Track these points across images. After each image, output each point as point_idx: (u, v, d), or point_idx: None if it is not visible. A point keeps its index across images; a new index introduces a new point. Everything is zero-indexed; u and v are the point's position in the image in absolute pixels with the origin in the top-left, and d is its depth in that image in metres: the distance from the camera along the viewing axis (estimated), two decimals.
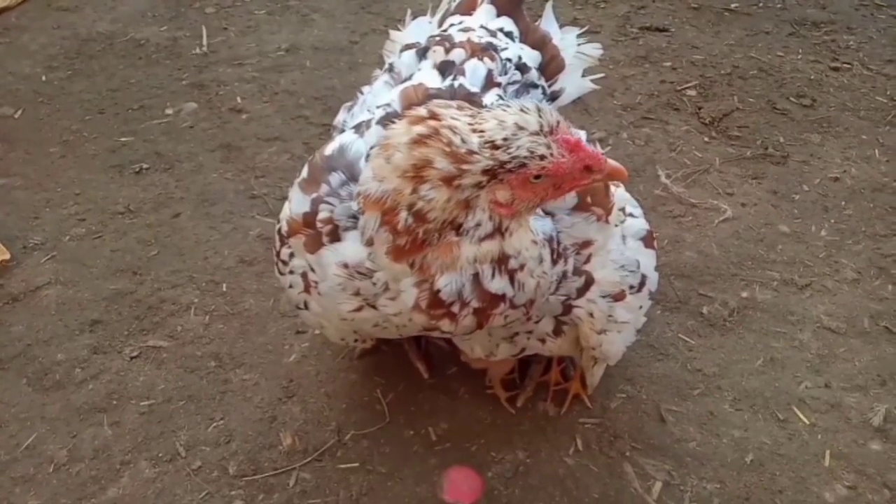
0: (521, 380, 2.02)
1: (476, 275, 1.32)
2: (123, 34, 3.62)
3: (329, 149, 1.57)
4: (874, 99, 3.13)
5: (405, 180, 1.25)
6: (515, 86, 1.76)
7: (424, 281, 1.33)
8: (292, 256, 1.61)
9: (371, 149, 1.46)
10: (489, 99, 1.64)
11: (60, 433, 1.95)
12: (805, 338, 2.18)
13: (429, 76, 1.73)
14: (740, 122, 3.02)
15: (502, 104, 1.29)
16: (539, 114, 1.25)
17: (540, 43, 1.95)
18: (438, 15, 2.08)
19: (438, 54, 1.77)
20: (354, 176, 1.46)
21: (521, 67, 1.81)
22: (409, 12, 2.22)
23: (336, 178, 1.48)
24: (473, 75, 1.70)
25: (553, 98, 1.94)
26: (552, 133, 1.25)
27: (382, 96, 1.75)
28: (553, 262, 1.45)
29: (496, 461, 1.88)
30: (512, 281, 1.36)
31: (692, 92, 3.18)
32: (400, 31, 2.17)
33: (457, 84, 1.66)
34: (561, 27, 2.11)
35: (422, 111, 1.29)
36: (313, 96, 3.18)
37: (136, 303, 2.31)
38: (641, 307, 1.69)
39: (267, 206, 2.64)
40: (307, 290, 1.59)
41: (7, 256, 2.44)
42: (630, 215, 1.72)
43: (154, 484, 1.84)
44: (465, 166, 1.23)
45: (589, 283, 1.54)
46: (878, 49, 3.42)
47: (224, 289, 2.34)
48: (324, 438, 1.93)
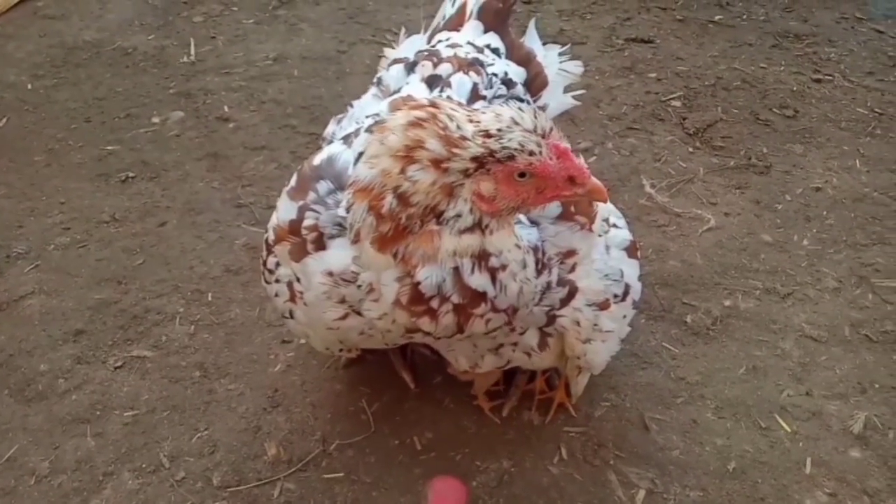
0: (507, 389, 2.03)
1: (456, 269, 1.34)
2: (110, 42, 3.61)
3: (317, 159, 1.59)
4: (855, 110, 3.18)
5: (395, 160, 1.29)
6: (501, 100, 1.79)
7: (406, 275, 1.35)
8: (278, 266, 1.62)
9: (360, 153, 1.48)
10: None
11: (42, 444, 1.94)
12: (787, 346, 2.20)
13: (417, 89, 1.77)
14: (724, 133, 3.05)
15: (501, 102, 1.32)
16: (535, 115, 1.30)
17: (525, 60, 2.00)
18: (429, 32, 2.12)
19: (426, 69, 1.82)
20: (342, 185, 1.48)
21: (508, 83, 1.85)
22: (404, 31, 2.26)
23: (324, 187, 1.50)
24: (460, 88, 1.74)
25: None
26: (544, 136, 1.29)
27: (371, 108, 1.78)
28: (537, 273, 1.47)
29: (481, 470, 1.88)
30: (493, 280, 1.37)
31: (677, 103, 3.22)
32: (394, 49, 2.20)
33: (444, 96, 1.69)
34: (545, 43, 2.15)
35: (423, 100, 1.34)
36: (301, 105, 3.19)
37: (121, 312, 2.29)
38: (625, 316, 1.71)
39: (253, 216, 2.64)
40: (293, 300, 1.60)
41: None
42: (614, 226, 1.75)
43: (137, 495, 1.83)
44: (456, 150, 1.27)
45: (573, 293, 1.56)
46: (859, 61, 3.48)
47: (209, 298, 2.34)
48: (309, 448, 1.93)
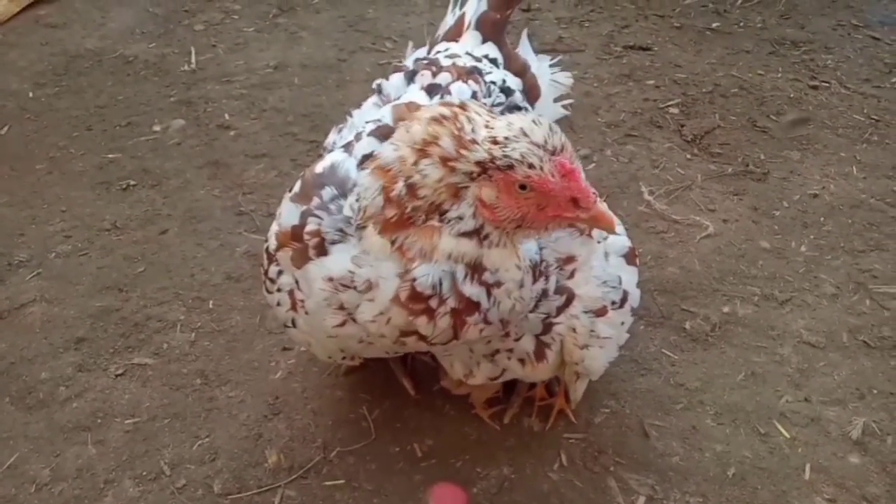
0: (507, 395, 2.03)
1: (452, 273, 1.36)
2: (112, 51, 3.63)
3: (320, 167, 1.61)
4: (852, 117, 3.19)
5: (413, 151, 1.33)
6: (500, 108, 1.80)
7: (405, 271, 1.36)
8: (280, 274, 1.63)
9: (363, 159, 1.53)
10: None
11: (43, 452, 1.94)
12: (785, 352, 2.21)
13: (417, 97, 1.79)
14: (722, 140, 3.07)
15: (523, 113, 1.34)
16: (549, 130, 1.30)
17: (521, 71, 2.03)
18: (429, 43, 2.15)
19: (426, 78, 1.84)
20: (345, 192, 1.51)
21: (506, 91, 1.88)
22: (410, 45, 2.29)
23: (328, 193, 1.52)
24: (459, 97, 1.75)
25: None
26: (554, 153, 1.29)
27: (371, 115, 1.80)
28: (534, 280, 1.48)
29: (481, 477, 1.88)
30: (488, 294, 1.38)
31: (675, 110, 3.24)
32: (402, 63, 2.24)
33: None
34: (543, 51, 2.19)
35: (456, 100, 1.39)
36: (301, 113, 3.21)
37: (122, 320, 2.30)
38: (623, 323, 1.72)
39: (254, 223, 2.65)
40: (294, 308, 1.61)
41: None
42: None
43: (138, 503, 1.83)
44: (464, 152, 1.29)
45: (570, 300, 1.57)
46: (856, 68, 3.50)
47: (210, 306, 2.35)
48: (309, 455, 1.93)
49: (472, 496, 1.83)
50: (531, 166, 1.28)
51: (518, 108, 1.86)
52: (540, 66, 2.12)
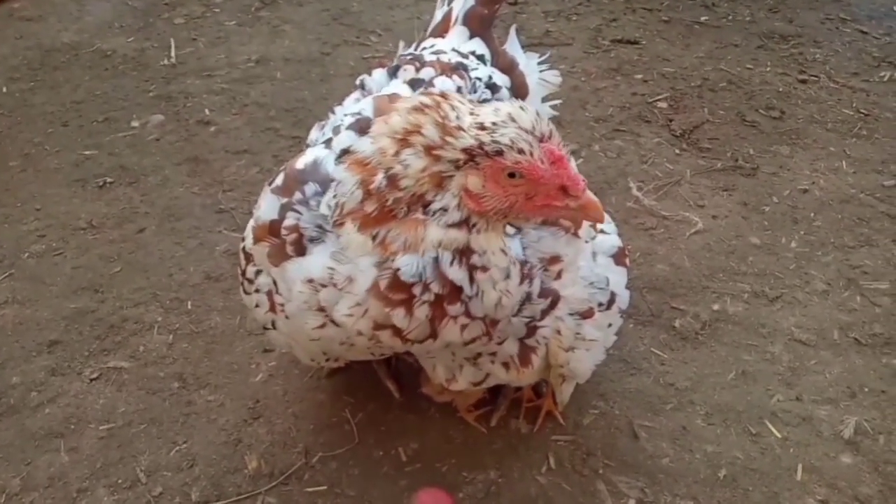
0: (493, 397, 1.99)
1: (436, 259, 1.31)
2: (89, 45, 3.54)
3: (301, 162, 1.56)
4: (841, 111, 3.17)
5: (393, 141, 1.30)
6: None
7: (384, 262, 1.32)
8: (258, 274, 1.58)
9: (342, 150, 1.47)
10: None
11: (14, 461, 1.87)
12: (776, 350, 2.18)
13: (400, 89, 1.75)
14: (711, 134, 3.04)
15: (508, 100, 1.30)
16: (536, 116, 1.27)
17: (509, 67, 1.99)
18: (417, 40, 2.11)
19: (409, 73, 1.80)
20: (327, 189, 1.45)
21: (492, 87, 1.84)
22: (402, 44, 2.24)
23: (310, 188, 1.48)
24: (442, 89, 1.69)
25: None
26: (542, 140, 1.26)
27: (352, 109, 1.74)
28: (519, 280, 1.43)
29: (467, 481, 1.84)
30: (471, 279, 1.33)
31: (663, 104, 3.20)
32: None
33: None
34: (531, 45, 2.14)
35: (436, 90, 1.36)
36: (284, 108, 3.14)
37: (97, 322, 2.23)
38: (611, 325, 1.67)
39: (235, 221, 2.58)
40: (273, 310, 1.56)
41: None
42: (602, 231, 1.71)
43: None
44: (450, 139, 1.26)
45: (555, 303, 1.52)
46: (844, 62, 3.48)
47: (189, 306, 2.28)
48: (290, 461, 1.88)
49: (459, 501, 1.79)
50: (521, 151, 1.24)
51: None
52: (528, 64, 2.09)
